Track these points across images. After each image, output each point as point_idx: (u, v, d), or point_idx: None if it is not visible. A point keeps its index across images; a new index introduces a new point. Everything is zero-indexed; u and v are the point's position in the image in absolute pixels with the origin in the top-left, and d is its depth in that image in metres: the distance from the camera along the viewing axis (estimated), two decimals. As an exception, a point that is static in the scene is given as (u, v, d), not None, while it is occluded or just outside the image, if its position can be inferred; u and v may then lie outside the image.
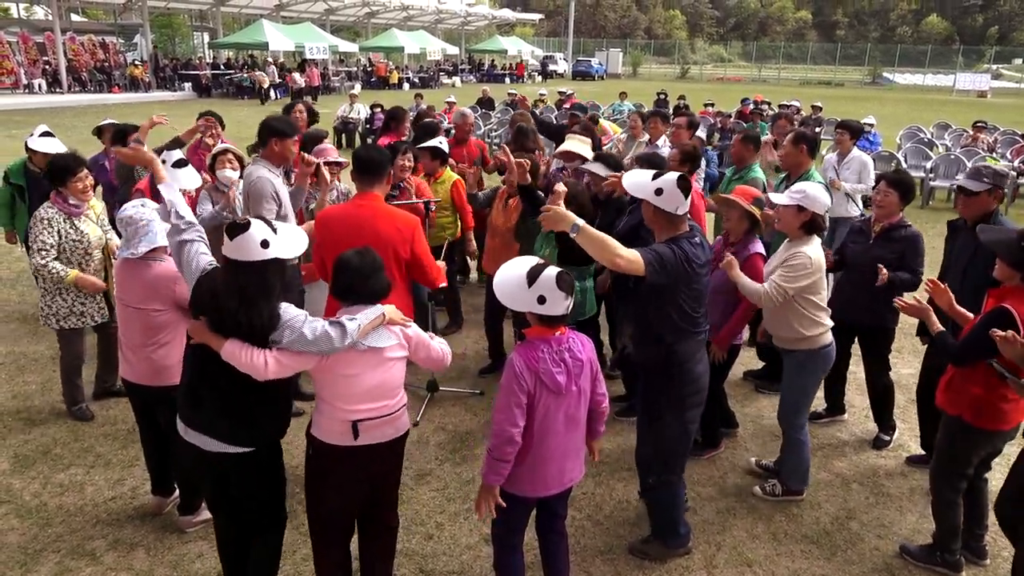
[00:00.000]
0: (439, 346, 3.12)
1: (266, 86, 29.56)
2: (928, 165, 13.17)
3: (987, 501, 3.94)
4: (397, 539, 3.40)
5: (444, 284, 4.18)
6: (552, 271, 2.85)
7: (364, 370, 2.88)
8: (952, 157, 13.31)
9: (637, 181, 3.36)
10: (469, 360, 6.13)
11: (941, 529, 3.78)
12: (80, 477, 4.37)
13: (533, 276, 2.84)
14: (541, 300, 2.82)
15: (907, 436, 5.12)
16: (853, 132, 7.28)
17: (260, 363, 2.75)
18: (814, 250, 3.98)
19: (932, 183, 13.01)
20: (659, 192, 3.24)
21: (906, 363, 6.34)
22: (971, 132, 15.12)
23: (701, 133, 8.53)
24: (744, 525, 4.12)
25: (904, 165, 13.22)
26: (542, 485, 3.04)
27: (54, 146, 5.98)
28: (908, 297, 3.64)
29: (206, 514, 3.93)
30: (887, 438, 4.99)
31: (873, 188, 4.94)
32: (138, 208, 3.53)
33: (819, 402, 5.11)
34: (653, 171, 3.40)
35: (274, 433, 3.07)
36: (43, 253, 4.51)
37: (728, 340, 4.38)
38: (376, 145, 4.20)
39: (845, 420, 5.27)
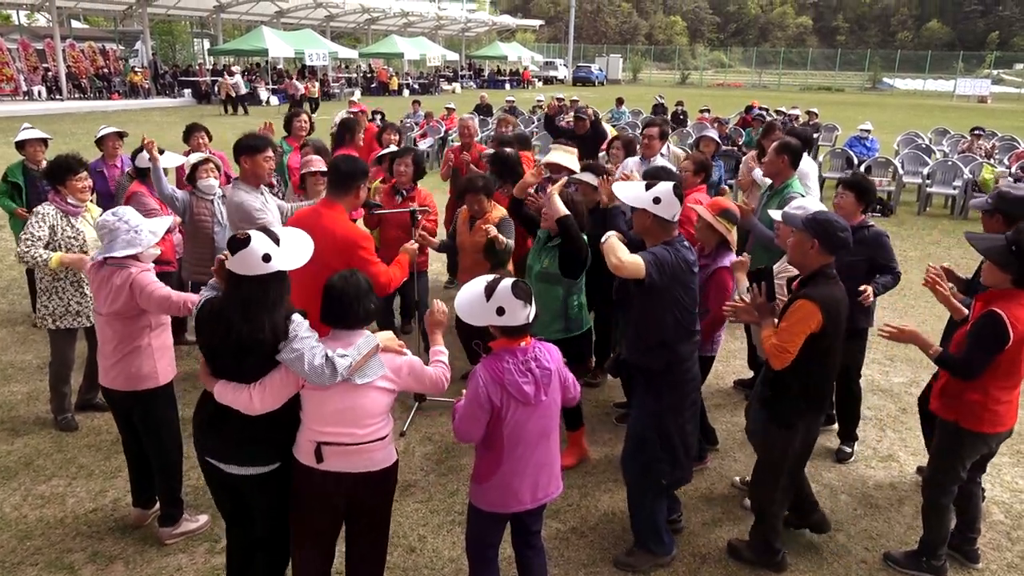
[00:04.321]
0: (433, 373, 3.02)
1: (234, 95, 28.60)
2: (925, 171, 13.13)
3: (980, 504, 3.93)
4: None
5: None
6: (508, 282, 2.87)
7: (335, 391, 2.81)
8: (949, 163, 13.27)
9: (633, 193, 3.44)
10: (457, 371, 6.06)
11: (931, 536, 3.76)
12: (62, 489, 4.33)
13: (490, 289, 2.86)
14: (500, 311, 2.83)
15: (898, 446, 5.08)
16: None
17: (245, 399, 2.81)
18: None
19: (929, 189, 12.97)
20: (657, 201, 3.35)
21: (898, 372, 6.30)
22: (968, 138, 15.08)
23: (717, 137, 8.42)
24: (730, 536, 4.07)
25: (901, 171, 13.20)
26: (515, 500, 3.01)
27: (37, 133, 6.16)
28: (890, 321, 3.60)
29: (186, 526, 3.93)
30: (849, 450, 4.92)
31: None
32: (113, 215, 3.53)
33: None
34: (645, 182, 3.47)
35: (287, 451, 3.03)
36: (28, 242, 4.51)
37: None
38: (353, 157, 4.19)
39: (834, 430, 5.22)
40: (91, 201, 4.95)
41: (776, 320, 3.44)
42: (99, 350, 3.72)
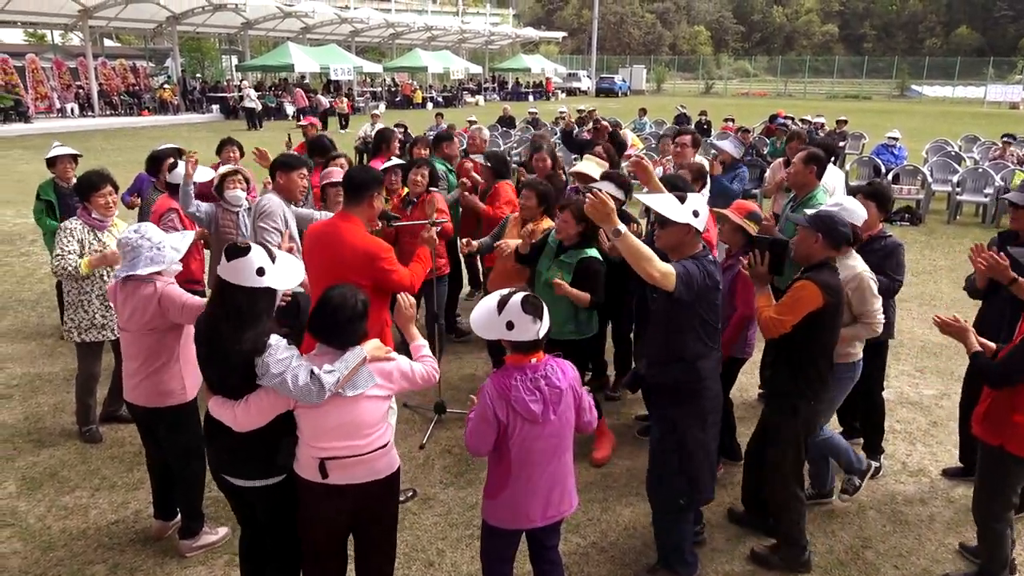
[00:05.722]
0: (422, 370, 3.04)
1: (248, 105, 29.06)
2: (955, 179, 12.89)
3: None
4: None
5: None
6: (518, 296, 2.83)
7: (330, 407, 2.80)
8: (979, 171, 13.02)
9: (672, 208, 3.28)
10: (479, 380, 6.07)
11: (989, 561, 3.65)
12: (85, 500, 4.37)
13: (502, 303, 2.84)
14: (509, 326, 2.81)
15: (928, 461, 4.95)
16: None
17: (230, 415, 2.82)
18: (859, 263, 3.92)
19: (959, 197, 12.73)
20: (696, 214, 3.28)
21: (929, 384, 6.16)
22: (999, 144, 14.80)
23: (733, 149, 8.22)
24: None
25: (930, 179, 12.98)
26: (525, 518, 2.98)
27: (67, 149, 6.32)
28: (946, 315, 3.49)
29: (206, 539, 3.94)
30: (877, 464, 4.76)
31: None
32: (136, 232, 3.55)
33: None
34: (675, 194, 3.37)
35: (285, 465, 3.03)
36: (59, 257, 4.60)
37: (726, 349, 4.25)
38: (367, 167, 4.23)
39: (862, 443, 5.10)
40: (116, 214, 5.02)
41: (772, 295, 3.63)
42: (124, 367, 3.74)
